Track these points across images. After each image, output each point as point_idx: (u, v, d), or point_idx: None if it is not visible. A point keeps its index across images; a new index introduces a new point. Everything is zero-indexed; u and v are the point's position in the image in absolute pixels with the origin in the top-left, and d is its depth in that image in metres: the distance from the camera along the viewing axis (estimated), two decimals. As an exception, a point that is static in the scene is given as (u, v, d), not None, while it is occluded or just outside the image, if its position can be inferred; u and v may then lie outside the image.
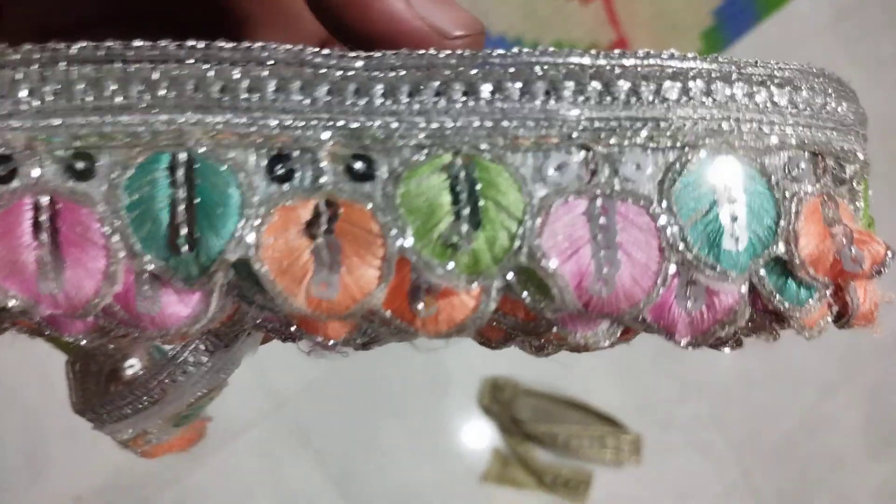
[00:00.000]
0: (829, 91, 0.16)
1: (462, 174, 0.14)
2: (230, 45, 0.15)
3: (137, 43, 0.15)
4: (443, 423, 0.86)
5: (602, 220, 0.15)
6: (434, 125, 0.14)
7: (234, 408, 0.78)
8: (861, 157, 0.17)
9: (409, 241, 0.14)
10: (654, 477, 0.88)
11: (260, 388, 0.81)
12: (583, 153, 0.15)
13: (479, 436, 0.86)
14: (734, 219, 0.15)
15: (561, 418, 0.86)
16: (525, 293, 0.15)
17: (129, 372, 0.25)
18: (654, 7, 0.79)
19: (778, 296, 0.16)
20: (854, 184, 0.17)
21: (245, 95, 0.14)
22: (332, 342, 0.17)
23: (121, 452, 0.25)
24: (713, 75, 0.15)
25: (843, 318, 0.17)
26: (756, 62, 0.16)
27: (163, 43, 0.14)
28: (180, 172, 0.14)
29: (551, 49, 0.15)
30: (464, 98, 0.15)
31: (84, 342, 0.16)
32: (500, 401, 0.85)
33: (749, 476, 0.89)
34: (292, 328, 0.17)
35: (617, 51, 0.15)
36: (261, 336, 0.22)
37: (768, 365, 0.88)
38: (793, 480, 0.89)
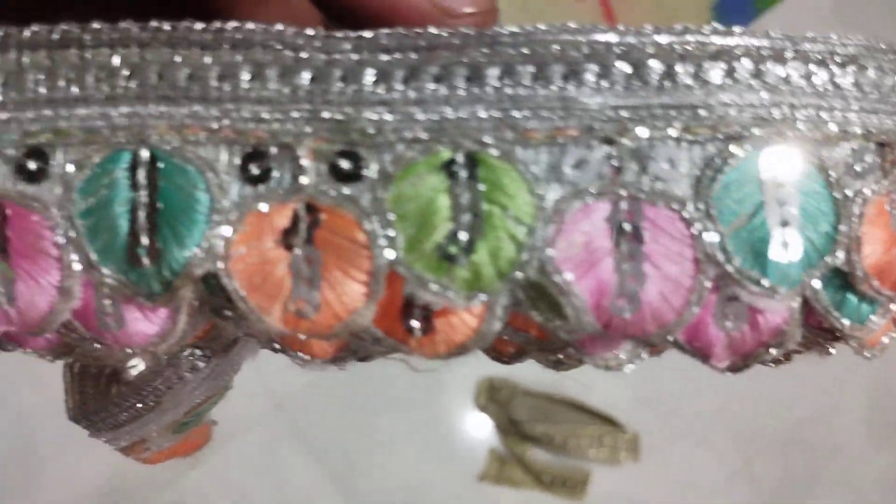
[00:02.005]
0: None
1: (463, 174, 0.12)
2: (199, 26, 0.13)
3: (95, 25, 0.13)
4: (442, 422, 0.85)
5: (627, 227, 0.12)
6: (432, 116, 0.12)
7: (232, 408, 0.77)
8: None
9: (399, 253, 0.12)
10: (656, 469, 0.86)
11: (258, 388, 0.80)
12: (606, 148, 0.13)
13: (478, 434, 0.85)
14: (785, 224, 0.13)
15: (558, 418, 0.84)
16: (535, 312, 0.13)
17: (133, 373, 0.24)
18: (651, 2, 0.76)
19: (836, 312, 0.13)
20: None
21: (216, 84, 0.13)
22: (319, 361, 0.15)
23: (117, 455, 0.24)
24: (763, 53, 0.13)
25: None
26: (814, 37, 0.13)
27: (123, 25, 0.13)
28: (142, 173, 0.13)
29: (571, 25, 0.13)
30: (467, 85, 0.12)
31: (50, 358, 0.15)
32: (496, 401, 0.84)
33: (751, 466, 0.87)
34: (275, 345, 0.15)
35: (649, 26, 0.13)
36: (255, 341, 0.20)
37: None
38: (795, 470, 0.87)
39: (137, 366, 0.24)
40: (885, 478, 0.88)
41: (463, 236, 0.12)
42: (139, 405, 0.21)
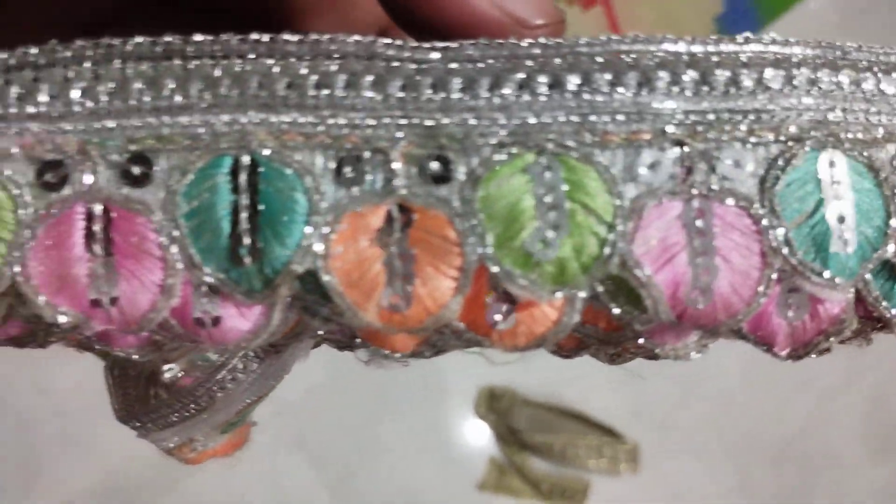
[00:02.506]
0: None
1: (547, 175, 0.13)
2: (296, 38, 0.13)
3: (198, 37, 0.13)
4: (442, 430, 0.85)
5: (699, 224, 0.13)
6: (516, 121, 0.13)
7: (232, 413, 0.77)
8: None
9: (489, 250, 0.13)
10: (652, 481, 0.86)
11: (257, 394, 0.80)
12: (677, 150, 0.13)
13: (478, 442, 0.85)
14: (841, 219, 0.14)
15: (558, 428, 0.85)
16: (613, 304, 0.14)
17: (168, 375, 0.24)
18: (656, 13, 0.78)
19: (885, 302, 0.14)
20: None
21: (313, 92, 0.13)
22: (398, 355, 0.15)
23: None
24: (819, 61, 0.14)
25: None
26: (860, 46, 0.14)
27: (224, 37, 0.13)
28: (243, 177, 0.13)
29: (643, 36, 0.14)
30: (549, 91, 0.13)
31: (136, 356, 0.16)
32: (496, 409, 0.84)
33: (747, 480, 0.87)
34: (356, 340, 0.16)
35: (714, 36, 0.14)
36: (312, 341, 0.21)
37: (768, 368, 0.86)
38: (791, 484, 0.87)
39: (173, 369, 0.25)
40: (881, 490, 0.88)
41: (549, 234, 0.13)
42: (192, 406, 0.22)
